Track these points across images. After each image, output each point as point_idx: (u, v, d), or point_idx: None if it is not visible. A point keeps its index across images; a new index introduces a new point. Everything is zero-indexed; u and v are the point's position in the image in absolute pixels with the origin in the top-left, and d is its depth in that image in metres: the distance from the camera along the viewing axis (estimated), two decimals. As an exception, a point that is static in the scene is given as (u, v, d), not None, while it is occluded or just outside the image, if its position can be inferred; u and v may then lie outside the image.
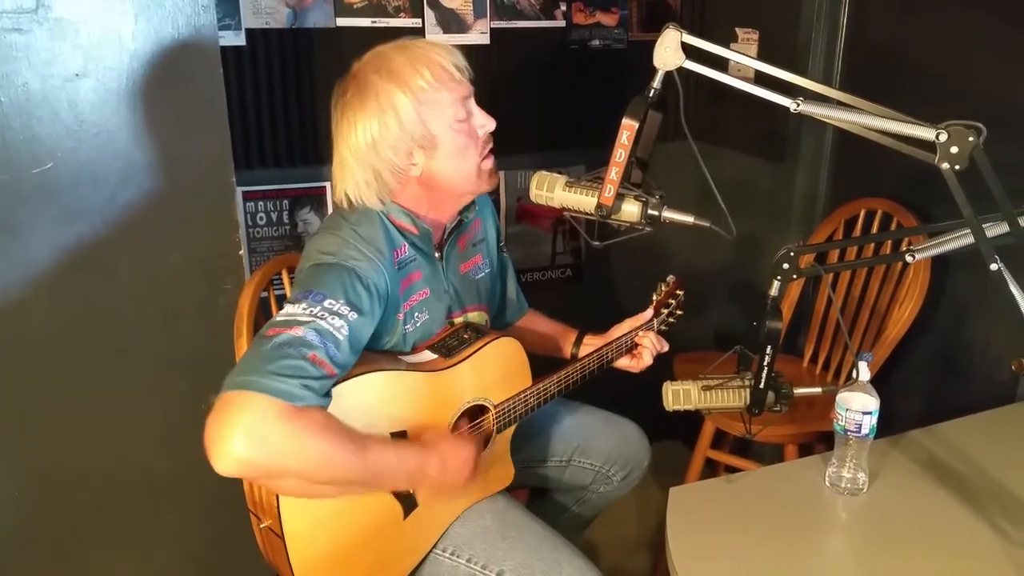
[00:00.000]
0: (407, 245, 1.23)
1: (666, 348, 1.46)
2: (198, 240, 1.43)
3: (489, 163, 1.24)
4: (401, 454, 1.11)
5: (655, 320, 1.50)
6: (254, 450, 0.94)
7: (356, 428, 1.05)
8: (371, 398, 1.13)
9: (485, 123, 1.22)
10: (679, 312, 1.56)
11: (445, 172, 1.20)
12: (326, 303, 1.06)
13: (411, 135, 1.15)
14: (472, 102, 1.21)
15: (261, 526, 1.17)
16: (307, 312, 1.04)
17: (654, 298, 1.54)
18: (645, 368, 1.45)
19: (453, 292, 1.32)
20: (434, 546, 1.25)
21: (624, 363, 1.46)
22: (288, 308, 1.06)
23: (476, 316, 1.38)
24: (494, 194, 2.00)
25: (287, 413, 0.96)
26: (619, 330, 1.46)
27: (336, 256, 1.13)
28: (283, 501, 1.07)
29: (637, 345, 1.46)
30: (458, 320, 1.34)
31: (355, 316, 1.07)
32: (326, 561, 1.13)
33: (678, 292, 1.56)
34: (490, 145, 1.24)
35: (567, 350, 1.51)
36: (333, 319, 1.05)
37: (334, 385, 1.05)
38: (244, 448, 0.93)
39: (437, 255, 1.29)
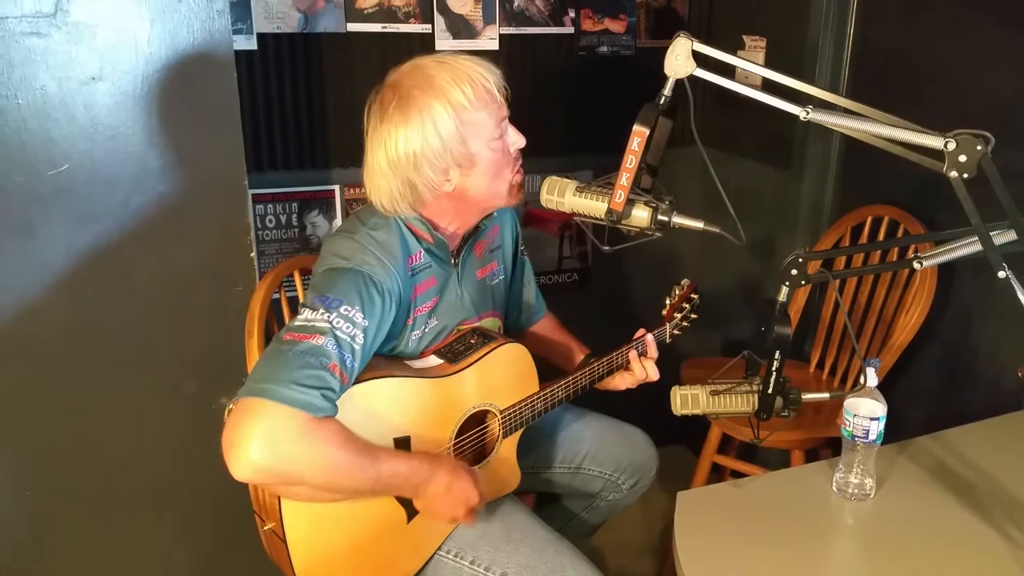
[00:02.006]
0: (422, 251, 1.23)
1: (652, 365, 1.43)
2: (210, 242, 1.44)
3: (519, 178, 1.25)
4: (412, 467, 1.12)
5: (668, 324, 1.50)
6: (271, 458, 0.95)
7: (363, 436, 1.06)
8: (375, 404, 1.13)
9: (517, 140, 1.22)
10: (693, 316, 1.54)
11: (478, 189, 1.20)
12: (342, 309, 1.06)
13: (451, 153, 1.15)
14: (506, 120, 1.21)
15: (264, 528, 1.18)
16: (325, 319, 1.05)
17: (668, 302, 1.53)
18: (642, 377, 1.42)
19: (468, 300, 1.32)
20: (438, 548, 1.25)
21: (625, 381, 1.44)
22: (306, 313, 1.07)
23: (490, 323, 1.38)
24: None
25: (307, 425, 0.97)
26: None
27: (351, 261, 1.14)
28: (285, 504, 1.08)
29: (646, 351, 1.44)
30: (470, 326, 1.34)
31: (368, 323, 1.08)
32: (328, 565, 1.13)
33: (692, 296, 1.55)
34: (520, 161, 1.25)
35: (574, 366, 1.49)
36: (349, 327, 1.06)
37: None
38: (262, 456, 0.94)
39: (453, 262, 1.29)
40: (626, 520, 2.08)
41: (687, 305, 1.53)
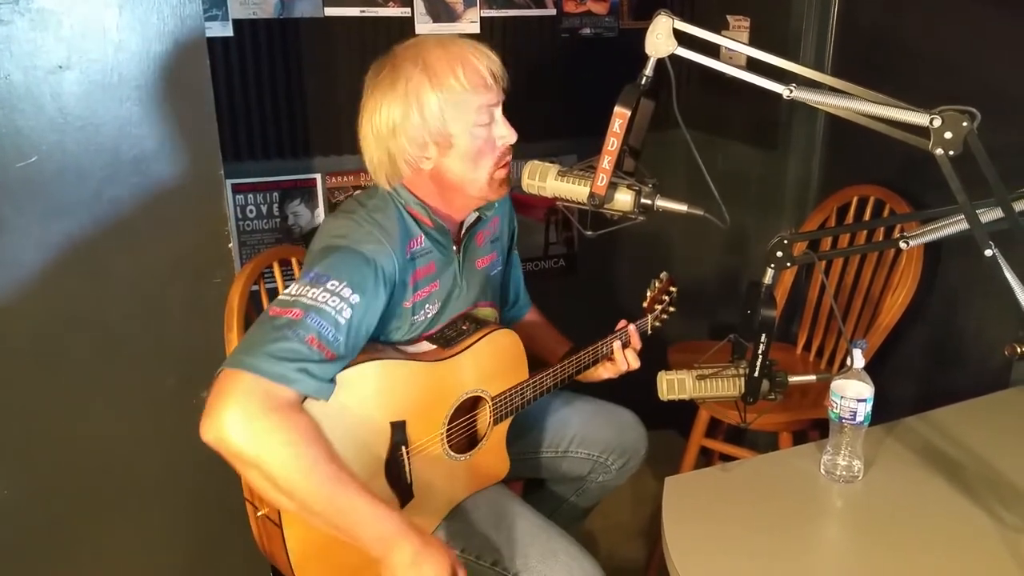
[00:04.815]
0: (423, 236, 1.23)
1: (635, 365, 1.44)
2: (186, 234, 1.41)
3: (503, 173, 1.23)
4: (379, 513, 1.02)
5: (649, 316, 1.51)
6: (235, 428, 0.96)
7: (359, 418, 1.06)
8: (371, 386, 1.13)
9: (506, 134, 1.21)
10: (672, 310, 1.57)
11: (455, 172, 1.19)
12: (329, 284, 1.06)
13: (429, 130, 1.15)
14: (499, 111, 1.20)
15: (258, 514, 1.17)
16: (309, 294, 1.05)
17: (648, 294, 1.54)
18: (624, 367, 1.44)
19: (467, 288, 1.32)
20: (428, 538, 1.24)
21: (608, 371, 1.45)
22: (292, 288, 1.07)
23: (488, 312, 1.38)
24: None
25: (277, 398, 0.97)
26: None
27: (346, 239, 1.14)
28: None
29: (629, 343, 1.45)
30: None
31: (358, 299, 1.08)
32: (322, 549, 1.13)
33: (671, 289, 1.57)
34: (508, 157, 1.23)
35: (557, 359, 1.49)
36: (335, 301, 1.05)
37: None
38: (227, 424, 0.95)
39: (455, 249, 1.28)
40: (616, 504, 2.08)
41: (666, 297, 1.56)
